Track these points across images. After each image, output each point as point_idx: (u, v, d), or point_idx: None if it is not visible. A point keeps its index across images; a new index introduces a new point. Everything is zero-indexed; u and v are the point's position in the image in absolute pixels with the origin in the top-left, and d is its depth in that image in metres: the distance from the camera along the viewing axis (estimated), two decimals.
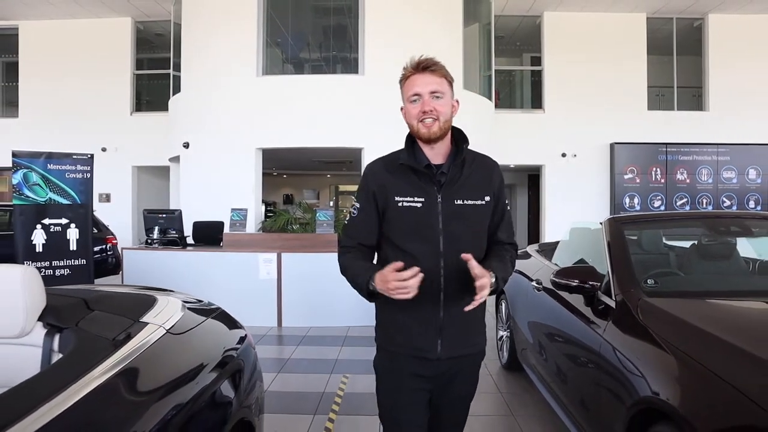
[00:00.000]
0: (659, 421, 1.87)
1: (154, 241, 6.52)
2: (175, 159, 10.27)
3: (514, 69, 13.49)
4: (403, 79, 1.69)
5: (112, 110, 12.33)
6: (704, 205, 11.48)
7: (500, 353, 4.63)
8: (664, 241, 3.38)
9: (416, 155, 1.69)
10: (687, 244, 3.19)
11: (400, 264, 1.51)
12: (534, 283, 3.53)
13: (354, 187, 17.44)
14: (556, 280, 2.72)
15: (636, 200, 11.55)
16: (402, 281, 1.47)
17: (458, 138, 1.73)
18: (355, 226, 1.74)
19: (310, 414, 3.48)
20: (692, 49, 12.32)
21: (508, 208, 1.82)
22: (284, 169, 16.14)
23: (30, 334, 1.44)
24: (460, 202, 1.67)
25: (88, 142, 11.60)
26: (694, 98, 12.52)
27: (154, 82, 13.13)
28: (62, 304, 1.57)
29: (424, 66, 1.64)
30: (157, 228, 6.50)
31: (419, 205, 1.65)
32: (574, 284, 2.63)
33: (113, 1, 11.42)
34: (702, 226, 3.07)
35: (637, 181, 11.62)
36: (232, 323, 2.15)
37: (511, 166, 12.27)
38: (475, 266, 1.51)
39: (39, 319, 1.47)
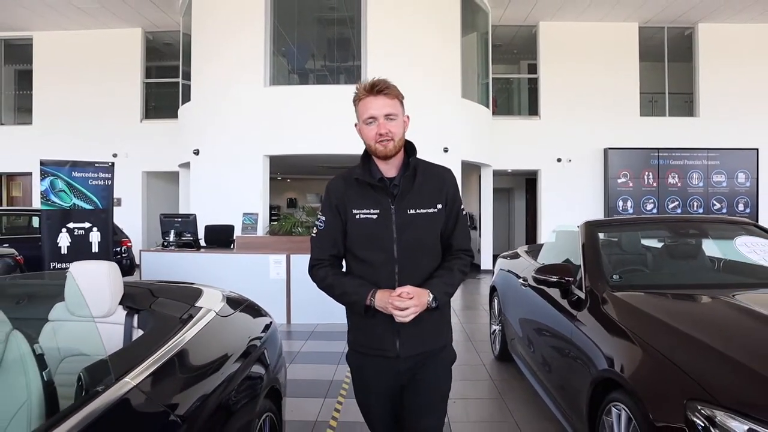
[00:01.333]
0: (614, 390, 2.28)
1: (171, 243, 6.93)
2: (185, 165, 10.70)
3: (511, 77, 13.92)
4: (357, 100, 1.79)
5: (123, 117, 12.76)
6: (695, 208, 11.89)
7: (493, 346, 5.04)
8: (642, 242, 3.79)
9: (371, 170, 1.80)
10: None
11: (404, 291, 1.68)
12: (521, 280, 3.95)
13: None
14: (537, 275, 3.14)
15: (629, 203, 11.96)
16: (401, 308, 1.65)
17: (409, 150, 1.82)
18: (324, 238, 1.83)
19: (321, 397, 3.89)
20: (683, 55, 12.74)
21: (464, 213, 1.91)
22: (288, 173, 16.55)
23: (114, 314, 1.85)
24: (412, 211, 1.76)
25: (100, 149, 12.06)
26: (686, 104, 12.94)
27: (162, 90, 13.57)
28: (134, 292, 1.99)
29: (379, 89, 1.73)
30: (173, 231, 6.92)
31: (375, 216, 1.76)
32: (552, 279, 3.05)
33: (124, 12, 11.85)
34: (665, 229, 3.49)
35: (630, 185, 12.04)
36: (260, 312, 2.56)
37: (509, 170, 12.69)
38: (402, 291, 1.69)
39: (119, 303, 1.89)
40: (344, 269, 1.89)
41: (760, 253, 3.04)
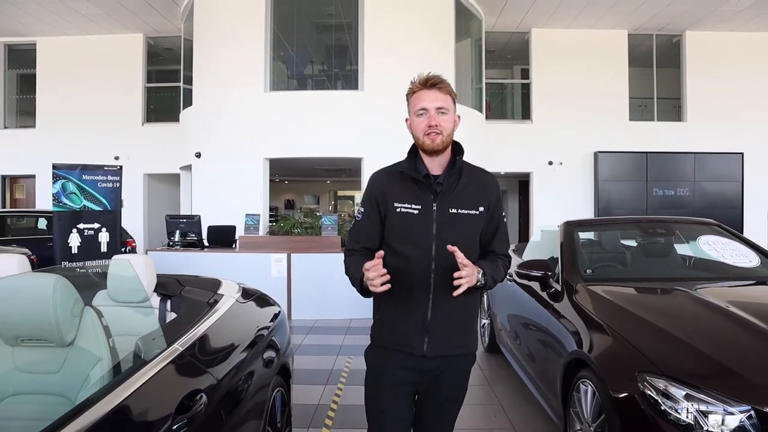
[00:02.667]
0: (582, 369, 2.61)
1: (176, 243, 7.23)
2: (187, 167, 10.98)
3: (504, 82, 14.28)
4: (411, 93, 1.79)
5: (125, 121, 13.03)
6: (682, 211, 12.23)
7: (482, 338, 5.36)
8: (621, 241, 4.13)
9: (417, 165, 1.80)
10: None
11: (380, 255, 1.65)
12: (507, 277, 4.27)
13: (352, 193, 18.40)
14: (520, 270, 3.46)
15: (619, 206, 12.31)
16: (373, 275, 1.60)
17: (456, 150, 1.82)
18: (359, 230, 1.85)
19: (322, 384, 4.21)
20: (672, 62, 13.11)
21: (505, 221, 1.90)
22: (286, 175, 16.86)
23: (149, 299, 2.17)
24: (454, 210, 1.75)
25: (102, 152, 12.34)
26: (674, 109, 13.30)
27: (161, 94, 13.85)
28: (165, 281, 2.31)
29: (432, 83, 1.75)
30: (178, 231, 7.22)
31: (415, 211, 1.75)
32: (533, 274, 3.37)
33: (127, 18, 12.14)
34: (637, 229, 3.82)
35: (619, 187, 12.39)
36: (270, 302, 2.88)
37: (502, 173, 13.02)
38: (460, 256, 1.62)
39: (153, 291, 2.20)
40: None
41: (720, 251, 3.37)
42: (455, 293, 1.62)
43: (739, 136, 12.51)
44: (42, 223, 9.62)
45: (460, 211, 1.76)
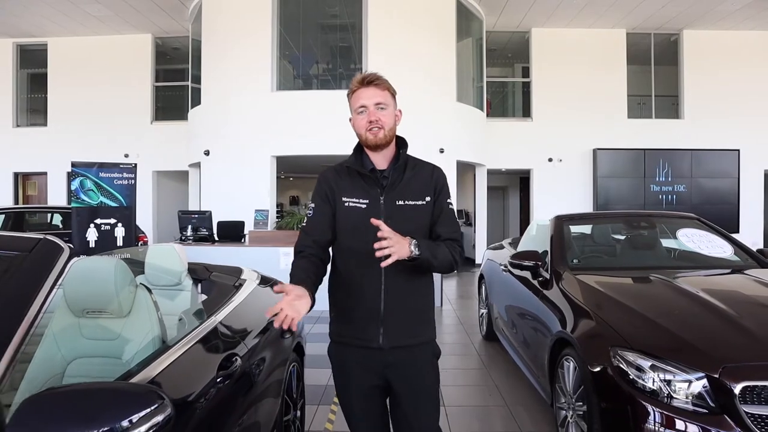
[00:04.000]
0: (566, 347, 2.91)
1: (188, 237, 7.54)
2: (195, 165, 11.30)
3: (505, 80, 14.54)
4: (350, 93, 1.82)
5: (134, 119, 13.35)
6: (680, 205, 12.49)
7: (481, 327, 5.66)
8: (612, 234, 4.42)
9: (363, 161, 1.82)
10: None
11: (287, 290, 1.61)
12: (502, 267, 4.57)
13: None
14: (512, 261, 3.76)
15: (617, 201, 12.58)
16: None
17: (400, 144, 1.86)
18: (311, 224, 1.83)
19: (329, 368, 4.50)
20: (670, 59, 13.34)
21: (451, 207, 1.89)
22: (291, 172, 17.14)
23: (182, 283, 2.47)
24: (401, 202, 1.78)
25: (112, 149, 12.68)
26: (672, 106, 13.54)
27: (168, 92, 14.16)
28: (194, 267, 2.61)
29: (369, 80, 1.78)
30: (190, 226, 7.53)
31: (363, 205, 1.77)
32: (524, 263, 3.67)
33: (136, 19, 12.44)
34: (622, 222, 4.11)
35: (618, 183, 12.65)
36: None
37: (503, 170, 13.31)
38: (385, 229, 1.59)
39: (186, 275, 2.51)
40: (329, 259, 1.85)
41: (697, 243, 3.66)
42: (383, 264, 1.57)
43: (736, 133, 12.75)
44: (57, 219, 9.93)
45: (406, 202, 1.79)
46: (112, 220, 7.03)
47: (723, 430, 2.09)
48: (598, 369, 2.50)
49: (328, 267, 1.85)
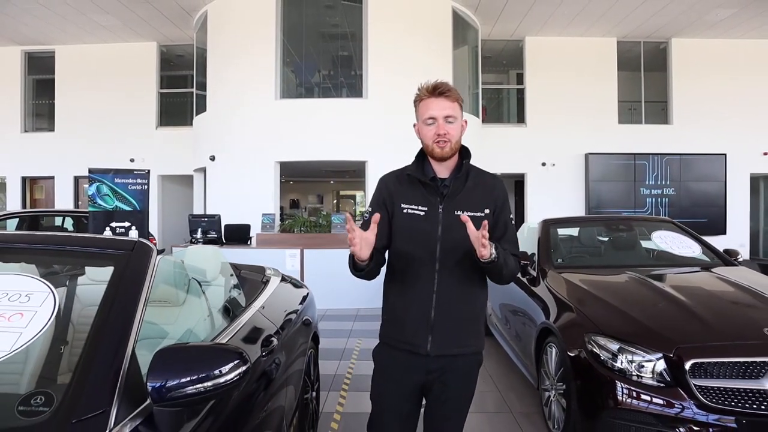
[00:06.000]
0: (549, 335, 3.32)
1: (198, 240, 7.93)
2: (200, 170, 11.68)
3: (500, 87, 14.98)
4: (418, 100, 1.81)
5: (139, 125, 13.70)
6: (669, 209, 12.94)
7: None
8: (596, 236, 4.83)
9: (424, 169, 1.83)
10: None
11: (375, 219, 1.65)
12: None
13: (353, 192, 19.10)
14: None
15: (608, 204, 13.01)
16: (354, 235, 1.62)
17: (463, 154, 1.86)
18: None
19: (337, 360, 4.92)
20: (659, 65, 13.79)
21: (512, 223, 1.90)
22: (291, 176, 17.54)
23: (222, 278, 2.86)
24: (460, 212, 1.75)
25: (118, 154, 13.04)
26: (662, 111, 13.99)
27: (172, 99, 14.53)
28: (225, 265, 3.00)
29: (440, 91, 1.77)
30: (199, 229, 7.91)
31: (422, 213, 1.79)
32: None
33: (142, 28, 12.82)
34: (603, 225, 4.53)
35: (609, 187, 13.09)
36: (301, 285, 3.58)
37: (498, 174, 13.70)
38: (471, 228, 1.62)
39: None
40: (384, 262, 1.89)
41: (669, 243, 4.08)
42: (483, 253, 1.62)
43: (723, 137, 13.19)
44: (68, 223, 10.28)
45: (465, 213, 1.75)
46: (127, 223, 7.41)
47: (677, 399, 2.50)
48: (575, 353, 2.91)
49: (383, 270, 1.89)
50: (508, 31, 13.09)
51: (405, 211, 1.81)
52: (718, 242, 5.43)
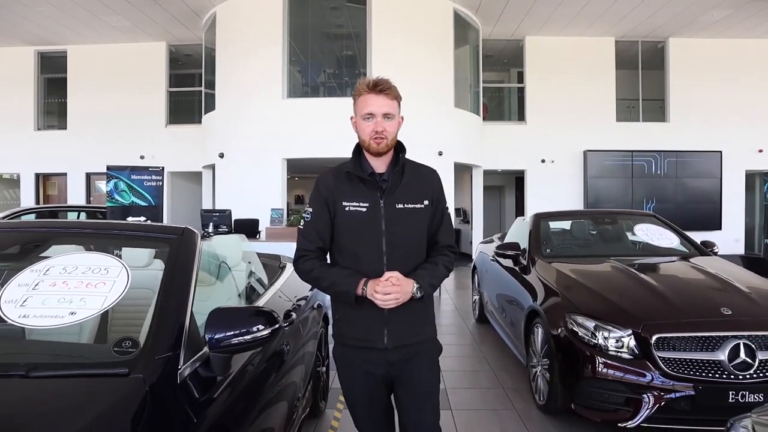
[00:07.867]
0: (536, 317, 3.68)
1: (209, 234, 8.30)
2: (209, 167, 12.06)
3: (501, 85, 15.31)
4: (357, 95, 1.83)
5: (149, 123, 14.07)
6: (665, 205, 13.26)
7: (474, 311, 6.43)
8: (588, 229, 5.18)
9: (362, 165, 1.85)
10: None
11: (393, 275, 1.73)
12: (490, 257, 5.34)
13: None
14: (497, 251, 4.53)
15: (606, 200, 13.34)
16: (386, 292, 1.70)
17: (398, 149, 1.88)
18: (312, 229, 1.85)
19: None
20: (657, 63, 14.08)
21: (448, 212, 1.96)
22: (296, 172, 17.87)
23: (247, 262, 3.23)
24: (400, 206, 1.81)
25: (128, 151, 13.41)
26: (659, 109, 14.29)
27: (181, 98, 14.90)
28: (248, 252, 3.37)
29: (380, 89, 1.78)
30: (211, 223, 8.29)
31: (364, 209, 1.80)
32: (507, 253, 4.44)
33: (152, 28, 13.18)
34: (591, 219, 4.88)
35: (607, 183, 13.42)
36: None
37: (499, 170, 14.06)
38: (394, 275, 1.74)
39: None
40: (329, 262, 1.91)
41: (650, 235, 4.43)
42: (386, 306, 1.72)
43: (718, 135, 13.49)
44: (82, 217, 10.66)
45: (406, 206, 1.82)
46: (142, 218, 7.79)
47: (643, 369, 2.86)
48: (557, 331, 3.27)
49: None
50: (509, 31, 13.40)
51: (347, 208, 1.82)
52: (713, 237, 5.75)
